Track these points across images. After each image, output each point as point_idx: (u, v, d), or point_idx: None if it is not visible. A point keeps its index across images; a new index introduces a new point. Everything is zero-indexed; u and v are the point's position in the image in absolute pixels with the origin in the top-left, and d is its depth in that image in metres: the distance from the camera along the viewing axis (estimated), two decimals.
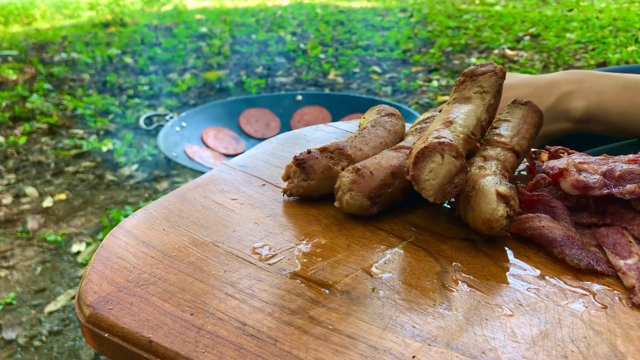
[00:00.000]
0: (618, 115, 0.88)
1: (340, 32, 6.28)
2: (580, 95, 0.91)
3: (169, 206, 0.68)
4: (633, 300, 0.50)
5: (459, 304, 0.50)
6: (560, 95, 0.93)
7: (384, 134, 0.74)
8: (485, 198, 0.56)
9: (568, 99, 0.92)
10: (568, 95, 0.92)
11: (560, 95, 0.93)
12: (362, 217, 0.64)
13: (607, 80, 0.91)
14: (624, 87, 0.88)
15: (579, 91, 0.91)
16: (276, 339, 0.45)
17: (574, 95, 0.92)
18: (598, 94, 0.90)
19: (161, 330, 0.47)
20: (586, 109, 0.90)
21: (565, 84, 0.93)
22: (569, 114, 0.92)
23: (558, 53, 4.70)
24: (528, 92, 0.96)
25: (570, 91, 0.92)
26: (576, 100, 0.91)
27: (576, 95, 0.91)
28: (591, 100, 0.90)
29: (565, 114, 0.92)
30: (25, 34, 6.57)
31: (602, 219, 0.61)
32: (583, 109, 0.91)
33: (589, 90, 0.91)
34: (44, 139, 3.32)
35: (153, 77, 4.52)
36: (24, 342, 1.67)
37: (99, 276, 0.54)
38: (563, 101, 0.92)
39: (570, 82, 0.93)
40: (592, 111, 0.90)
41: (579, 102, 0.91)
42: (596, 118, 0.90)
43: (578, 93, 0.91)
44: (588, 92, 0.91)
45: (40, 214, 2.44)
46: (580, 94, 0.91)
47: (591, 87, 0.91)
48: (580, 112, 0.91)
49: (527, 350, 0.44)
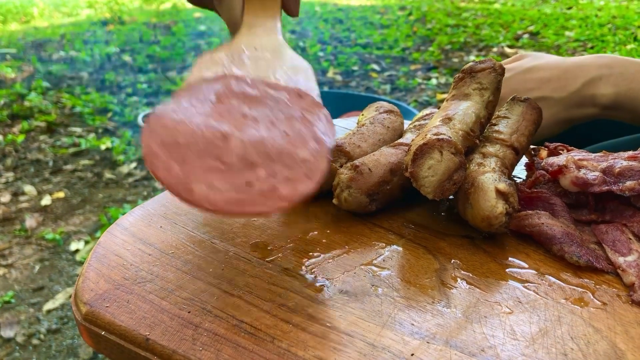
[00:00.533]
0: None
1: (339, 30, 6.27)
2: (610, 81, 0.87)
3: (166, 203, 0.67)
4: (633, 297, 0.50)
5: (457, 302, 0.50)
6: (588, 79, 0.89)
7: (383, 131, 0.73)
8: (484, 195, 0.55)
9: (596, 84, 0.88)
10: (597, 80, 0.88)
11: (587, 80, 0.89)
12: (360, 214, 0.64)
13: (638, 68, 0.87)
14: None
15: (609, 77, 0.88)
16: (274, 337, 0.45)
17: (603, 81, 0.88)
18: (629, 81, 0.86)
19: (158, 328, 0.46)
20: (615, 96, 0.87)
21: (593, 69, 0.89)
22: (596, 100, 0.88)
23: (557, 51, 4.70)
24: (554, 74, 0.92)
25: (600, 76, 0.88)
26: (605, 86, 0.88)
27: (605, 81, 0.88)
28: (621, 87, 0.86)
29: (591, 99, 0.89)
30: (24, 32, 6.56)
31: (601, 216, 0.60)
32: (612, 95, 0.87)
33: (619, 76, 0.87)
34: (43, 137, 3.31)
35: (152, 75, 4.52)
36: (23, 341, 1.67)
37: (96, 274, 0.54)
38: (590, 86, 0.89)
39: (599, 66, 0.89)
40: (621, 98, 0.86)
41: (608, 89, 0.87)
42: (624, 106, 0.87)
43: (608, 78, 0.88)
44: (618, 78, 0.87)
45: (39, 212, 2.44)
46: (610, 80, 0.87)
47: (622, 72, 0.87)
48: (609, 99, 0.87)
49: (526, 347, 0.44)
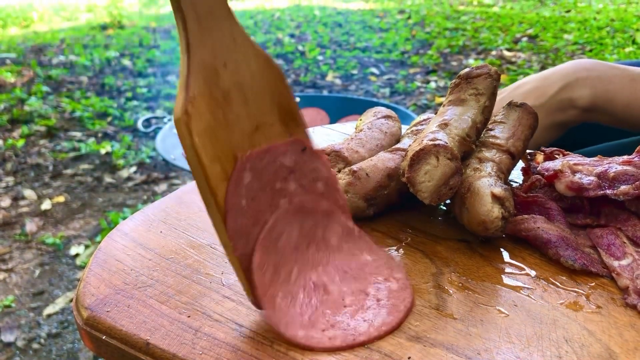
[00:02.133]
0: (623, 106, 0.87)
1: (339, 34, 6.28)
2: (587, 84, 0.89)
3: (166, 208, 0.68)
4: (627, 300, 0.50)
5: (454, 305, 0.50)
6: (565, 83, 0.91)
7: (380, 136, 0.74)
8: (481, 199, 0.56)
9: (573, 87, 0.90)
10: (574, 83, 0.90)
11: (565, 84, 0.91)
12: (358, 219, 0.64)
13: (615, 71, 0.90)
14: (631, 79, 0.88)
15: (586, 79, 0.90)
16: (273, 341, 0.46)
17: (580, 83, 0.90)
18: (606, 82, 0.88)
19: (158, 333, 0.47)
20: (592, 97, 0.89)
21: (571, 73, 0.92)
22: (574, 102, 0.90)
23: (556, 54, 4.71)
24: (535, 84, 0.95)
25: (577, 79, 0.90)
26: (582, 88, 0.90)
27: (582, 83, 0.90)
28: (598, 88, 0.88)
29: (569, 102, 0.91)
30: (24, 37, 6.57)
31: (596, 220, 0.61)
32: (589, 97, 0.89)
33: (595, 78, 0.89)
34: (42, 142, 3.32)
35: (151, 80, 4.52)
36: (23, 345, 1.68)
37: (97, 279, 0.54)
38: (568, 89, 0.91)
39: (576, 70, 0.92)
40: (598, 100, 0.88)
41: (584, 90, 0.89)
42: (602, 107, 0.89)
43: (585, 81, 0.90)
44: (595, 81, 0.89)
45: (39, 216, 2.44)
46: (586, 82, 0.89)
47: (598, 75, 0.89)
48: (586, 101, 0.89)
49: (521, 350, 0.45)
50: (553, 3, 7.65)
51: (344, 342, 0.44)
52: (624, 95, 0.87)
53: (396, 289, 0.50)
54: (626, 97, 0.87)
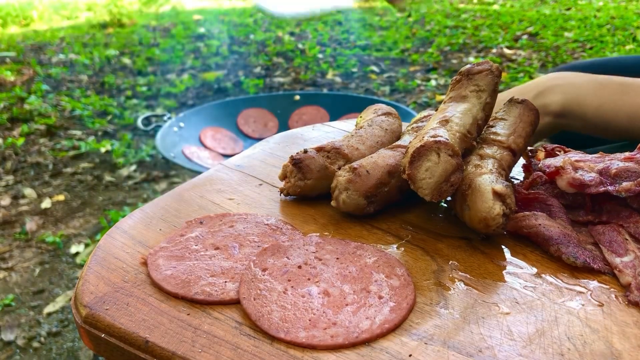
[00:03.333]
0: (594, 109, 0.91)
1: (339, 32, 6.27)
2: (559, 90, 0.95)
3: (165, 206, 0.68)
4: (629, 297, 0.50)
5: (455, 303, 0.50)
6: (539, 91, 0.97)
7: (381, 133, 0.74)
8: (482, 196, 0.56)
9: (547, 94, 0.96)
10: (547, 91, 0.96)
11: (539, 91, 0.97)
12: (358, 216, 0.64)
13: (585, 78, 0.95)
14: (600, 84, 0.93)
15: (558, 86, 0.96)
16: (272, 339, 0.46)
17: (552, 90, 0.96)
18: (576, 88, 0.94)
19: (158, 331, 0.47)
20: (563, 102, 0.94)
21: (545, 81, 0.98)
22: (547, 108, 0.96)
23: (556, 52, 4.70)
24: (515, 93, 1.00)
25: (551, 87, 0.97)
26: (554, 95, 0.95)
27: (555, 90, 0.96)
28: (569, 94, 0.94)
29: (543, 108, 0.96)
30: (23, 35, 6.56)
31: (598, 217, 0.61)
32: (560, 102, 0.94)
33: (567, 85, 0.95)
34: (42, 140, 3.31)
35: (151, 78, 4.52)
36: (23, 344, 1.67)
37: (96, 277, 0.54)
38: (542, 96, 0.97)
39: (551, 79, 0.98)
40: (569, 105, 0.94)
41: (556, 96, 0.95)
42: (573, 112, 0.94)
43: (557, 88, 0.96)
44: (566, 87, 0.95)
45: (39, 215, 2.44)
46: (558, 89, 0.95)
47: (570, 82, 0.95)
48: (558, 106, 0.94)
49: (523, 348, 0.44)
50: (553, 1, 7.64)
51: (347, 340, 0.44)
52: (594, 99, 0.91)
53: (398, 286, 0.50)
54: (596, 100, 0.91)
